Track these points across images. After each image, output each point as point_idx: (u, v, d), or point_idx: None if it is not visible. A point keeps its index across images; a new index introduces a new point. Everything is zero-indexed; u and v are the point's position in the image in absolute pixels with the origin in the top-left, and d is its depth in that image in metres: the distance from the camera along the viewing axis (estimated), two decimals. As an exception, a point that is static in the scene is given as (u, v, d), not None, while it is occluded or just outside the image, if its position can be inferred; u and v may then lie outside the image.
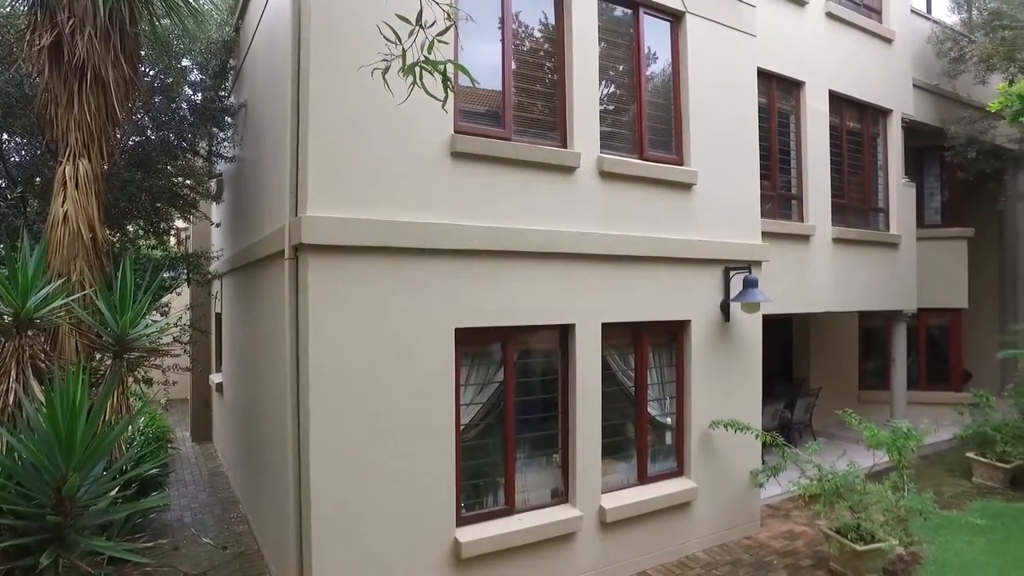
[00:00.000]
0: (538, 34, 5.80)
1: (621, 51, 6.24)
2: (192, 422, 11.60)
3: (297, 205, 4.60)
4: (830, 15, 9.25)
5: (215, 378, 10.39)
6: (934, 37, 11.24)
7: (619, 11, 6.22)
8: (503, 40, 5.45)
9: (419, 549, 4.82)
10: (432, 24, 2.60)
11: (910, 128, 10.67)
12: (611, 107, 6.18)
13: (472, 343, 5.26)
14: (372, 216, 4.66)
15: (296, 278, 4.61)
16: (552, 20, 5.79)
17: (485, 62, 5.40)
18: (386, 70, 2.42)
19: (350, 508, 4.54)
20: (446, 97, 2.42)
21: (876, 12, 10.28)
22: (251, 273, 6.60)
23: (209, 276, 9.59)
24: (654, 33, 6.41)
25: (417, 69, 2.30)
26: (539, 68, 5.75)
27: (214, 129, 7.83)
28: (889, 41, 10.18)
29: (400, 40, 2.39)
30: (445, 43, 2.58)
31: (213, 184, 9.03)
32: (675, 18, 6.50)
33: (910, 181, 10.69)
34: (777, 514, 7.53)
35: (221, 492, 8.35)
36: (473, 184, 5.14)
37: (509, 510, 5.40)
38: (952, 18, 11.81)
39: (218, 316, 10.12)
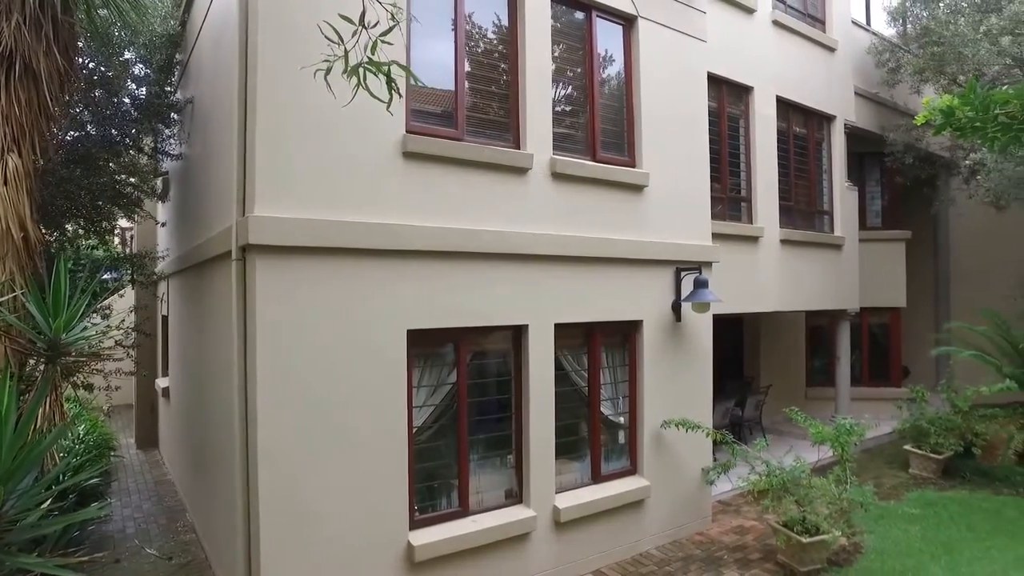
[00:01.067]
0: (492, 35, 5.79)
1: (574, 53, 6.28)
2: (137, 428, 11.20)
3: (244, 205, 4.49)
4: (777, 23, 9.52)
5: (161, 382, 10.05)
6: (873, 48, 11.68)
7: (572, 14, 6.26)
8: (456, 41, 5.43)
9: (372, 553, 4.75)
10: (375, 24, 2.56)
11: (852, 134, 11.07)
12: (564, 109, 6.22)
13: (425, 344, 5.22)
14: (322, 216, 4.57)
15: (244, 279, 4.49)
16: (505, 21, 5.79)
17: (438, 62, 5.37)
18: (328, 71, 2.36)
19: (300, 514, 4.45)
20: (390, 99, 2.37)
21: (820, 22, 10.62)
22: (198, 274, 6.41)
23: (155, 277, 9.27)
24: (607, 36, 6.48)
25: (360, 70, 2.25)
26: (493, 69, 5.75)
27: (159, 125, 7.57)
28: (832, 50, 10.53)
29: (342, 40, 2.33)
30: (389, 44, 2.53)
31: (159, 182, 8.73)
32: (627, 22, 6.58)
33: (853, 185, 11.07)
34: (728, 510, 7.69)
35: (167, 500, 8.08)
36: (425, 184, 5.10)
37: (463, 512, 5.38)
38: (889, 31, 12.29)
39: (164, 319, 9.80)
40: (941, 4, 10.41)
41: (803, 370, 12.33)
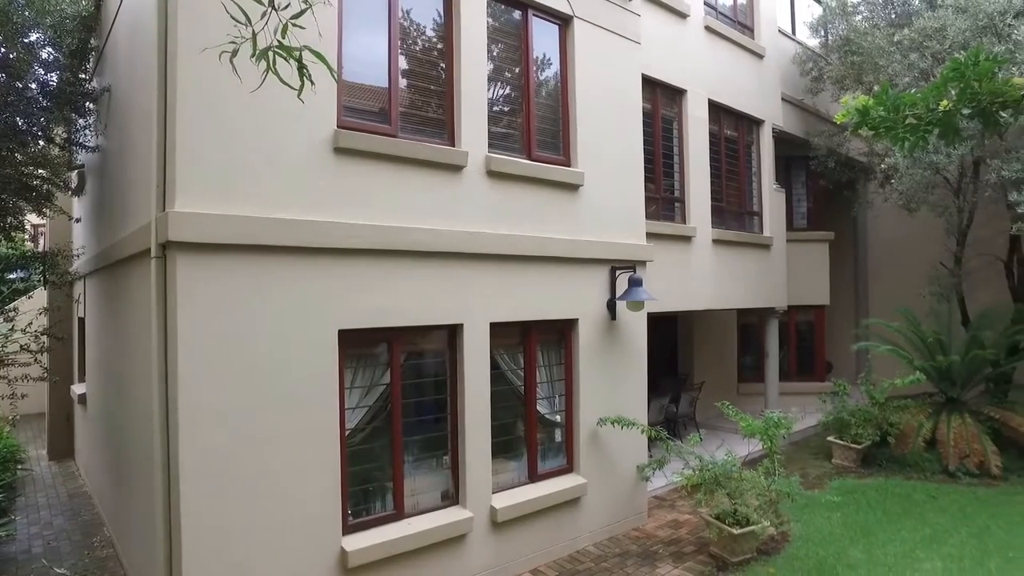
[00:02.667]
0: (427, 31, 5.71)
1: (511, 52, 6.26)
2: (49, 438, 10.52)
3: (165, 200, 4.26)
4: (709, 29, 9.77)
5: (77, 389, 9.48)
6: (798, 57, 12.17)
7: (509, 12, 6.24)
8: (389, 35, 5.32)
9: (303, 561, 4.60)
10: (286, 6, 2.43)
11: (780, 138, 11.49)
12: (501, 107, 6.20)
13: (357, 345, 5.10)
14: (248, 213, 4.39)
15: (164, 278, 4.26)
16: (441, 18, 5.72)
17: (372, 58, 5.26)
18: (234, 53, 2.22)
19: (226, 524, 4.25)
20: (301, 86, 2.25)
21: (749, 29, 10.98)
22: (116, 273, 6.08)
23: (69, 277, 8.76)
24: (543, 36, 6.49)
25: (270, 54, 2.13)
26: (428, 66, 5.67)
27: (73, 115, 7.12)
28: (761, 57, 10.90)
29: (250, 21, 2.20)
30: (301, 27, 2.41)
31: (73, 176, 8.24)
32: (563, 22, 6.61)
33: (780, 187, 11.50)
34: (663, 504, 7.84)
35: (83, 515, 7.62)
36: (358, 181, 4.98)
37: (398, 515, 5.28)
38: (812, 41, 12.83)
39: (81, 321, 9.25)
40: (859, 16, 10.94)
41: (735, 366, 12.73)
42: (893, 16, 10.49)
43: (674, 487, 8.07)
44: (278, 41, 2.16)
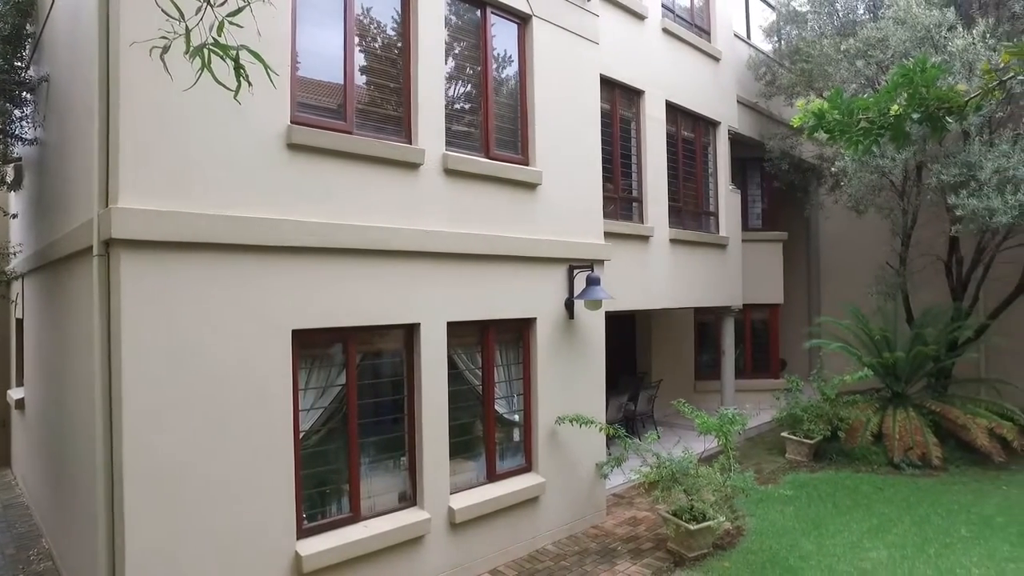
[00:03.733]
0: (384, 27, 5.62)
1: (469, 50, 6.22)
2: (-15, 446, 10.04)
3: (108, 195, 4.09)
4: (666, 31, 9.90)
5: (15, 394, 9.06)
6: (752, 61, 12.43)
7: (467, 9, 6.20)
8: (345, 31, 5.22)
9: (256, 568, 4.47)
10: (223, 3, 2.34)
11: (735, 140, 11.72)
12: (459, 105, 6.15)
13: (312, 345, 4.99)
14: (197, 209, 4.25)
15: (107, 277, 4.09)
16: (398, 14, 5.64)
17: (328, 53, 5.15)
18: (165, 49, 2.12)
19: (173, 531, 4.10)
20: (238, 87, 2.16)
21: (706, 32, 11.16)
22: (56, 272, 5.82)
23: (5, 276, 8.37)
24: (502, 34, 6.47)
25: (205, 52, 2.03)
26: (385, 62, 5.59)
27: (8, 105, 6.78)
28: (717, 60, 11.10)
29: (183, 17, 2.10)
30: (238, 26, 2.32)
31: (10, 170, 7.86)
32: (522, 20, 6.60)
33: (736, 188, 11.73)
34: (622, 502, 7.90)
35: (19, 526, 7.27)
36: (312, 178, 4.87)
37: (354, 517, 5.19)
38: (767, 46, 13.13)
39: (20, 322, 8.84)
40: (809, 24, 11.23)
41: (692, 364, 12.94)
42: (839, 25, 10.80)
43: (632, 484, 8.15)
44: (213, 39, 2.06)
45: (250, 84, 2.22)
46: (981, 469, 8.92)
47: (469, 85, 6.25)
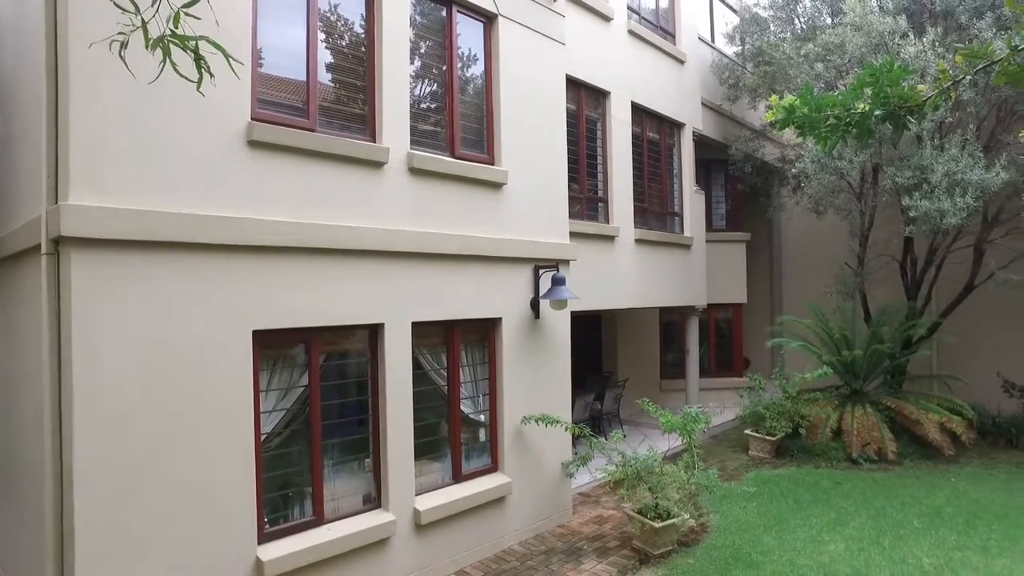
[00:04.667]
0: (348, 24, 5.56)
1: (435, 48, 6.19)
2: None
3: (57, 192, 3.95)
4: (632, 33, 9.99)
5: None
6: (716, 64, 12.63)
7: (433, 8, 6.17)
8: (308, 27, 5.15)
9: (216, 575, 4.37)
10: None
11: (700, 141, 11.89)
12: (424, 104, 6.11)
13: (273, 345, 4.91)
14: (153, 207, 4.14)
15: (57, 276, 3.96)
16: (363, 11, 5.58)
17: (290, 49, 5.08)
18: (124, 44, 2.05)
19: (126, 539, 3.99)
20: (200, 78, 2.11)
21: (671, 35, 11.30)
22: (2, 271, 5.61)
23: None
24: (468, 33, 6.45)
25: (165, 44, 1.98)
26: (349, 59, 5.53)
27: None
28: (682, 62, 11.24)
29: (138, 10, 2.04)
30: (195, 17, 2.27)
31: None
32: (488, 20, 6.59)
33: (700, 189, 11.90)
34: (588, 501, 7.95)
35: (-33, 533, 7.00)
36: (274, 176, 4.79)
37: (318, 521, 5.12)
38: (730, 49, 13.35)
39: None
40: (771, 29, 11.47)
41: (658, 363, 13.08)
42: (800, 30, 11.05)
43: (599, 483, 8.21)
44: (171, 30, 2.01)
45: (212, 75, 2.17)
46: (933, 462, 9.22)
47: (435, 84, 6.22)
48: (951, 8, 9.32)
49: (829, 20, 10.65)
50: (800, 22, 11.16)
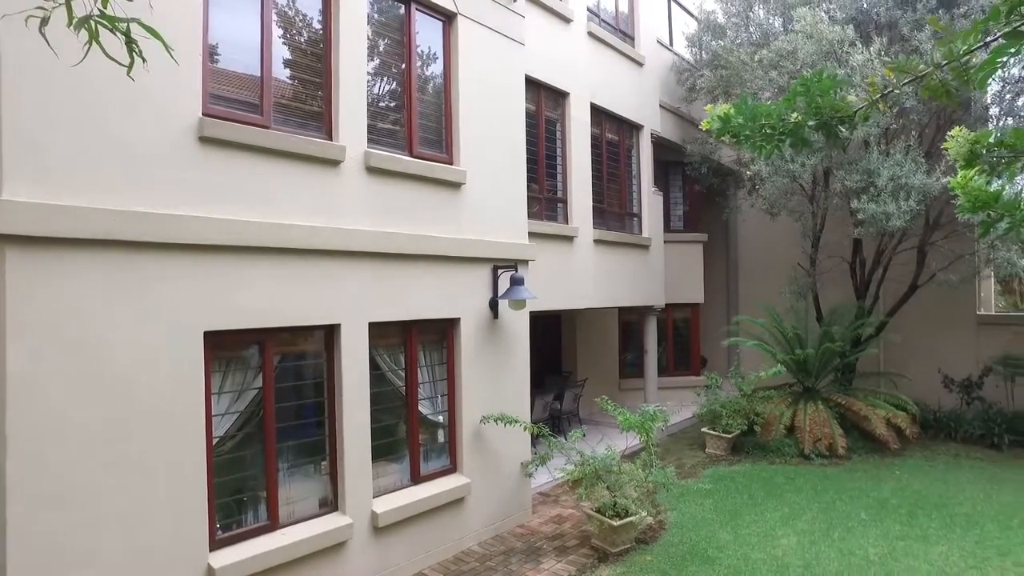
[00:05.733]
0: (305, 20, 5.46)
1: (393, 46, 6.14)
2: None
3: (-9, 186, 3.78)
4: (592, 34, 10.08)
5: None
6: (675, 67, 12.83)
7: (391, 5, 6.11)
8: (262, 22, 5.05)
9: (163, 584, 4.25)
10: None
11: (658, 143, 12.06)
12: (382, 102, 6.05)
13: (226, 347, 4.79)
14: (98, 204, 3.99)
15: (-9, 276, 3.79)
16: (319, 6, 5.49)
17: (244, 44, 4.97)
18: (44, 21, 1.95)
19: (67, 550, 3.83)
20: (131, 63, 2.03)
21: (630, 38, 11.44)
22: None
23: None
24: (427, 31, 6.41)
25: (92, 24, 1.89)
26: (306, 56, 5.43)
27: None
28: (641, 65, 11.39)
29: None
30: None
31: None
32: (447, 18, 6.56)
33: (658, 190, 12.07)
34: (548, 500, 7.98)
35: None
36: (226, 173, 4.68)
37: (272, 525, 5.01)
38: (688, 53, 13.58)
39: None
40: (727, 35, 11.72)
41: (617, 363, 13.20)
42: (755, 37, 11.32)
43: (558, 483, 8.26)
44: (99, 10, 1.92)
45: (144, 60, 2.08)
46: (879, 456, 9.55)
47: (393, 82, 6.17)
48: (895, 20, 9.70)
49: (782, 28, 10.91)
50: (754, 29, 11.42)
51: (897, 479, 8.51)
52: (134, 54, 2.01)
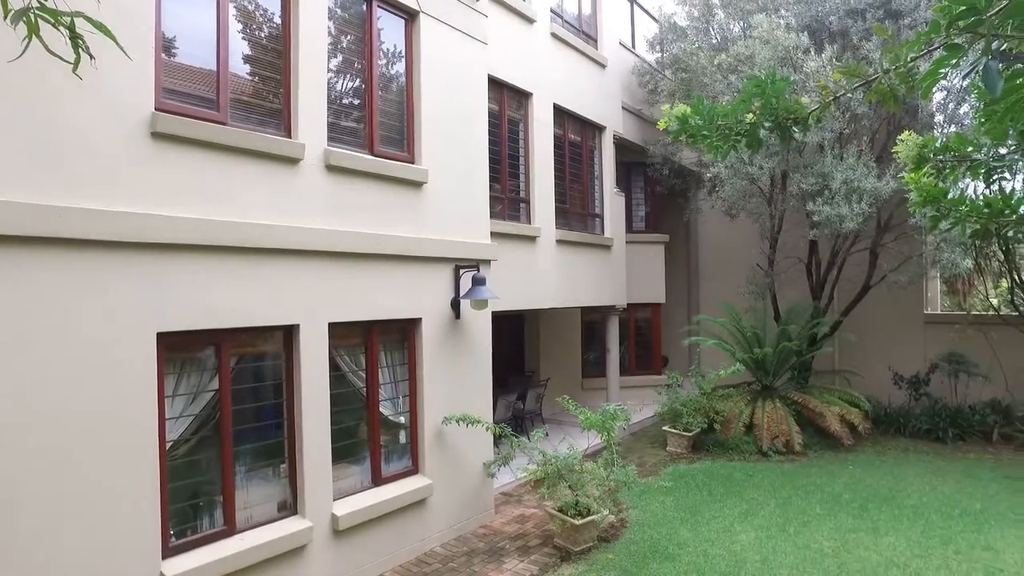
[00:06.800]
0: (263, 15, 5.36)
1: (355, 43, 6.06)
2: None
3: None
4: (555, 35, 10.12)
5: None
6: (636, 69, 12.98)
7: (353, 1, 6.03)
8: (219, 15, 4.94)
9: (113, 594, 4.11)
10: None
11: (620, 144, 12.18)
12: (343, 100, 5.98)
13: (180, 349, 4.68)
14: (45, 200, 3.85)
15: (-71, 275, 3.63)
16: (279, 1, 5.39)
17: (199, 38, 4.86)
18: None
19: (12, 565, 3.69)
20: (77, 59, 1.94)
21: (593, 39, 11.53)
22: None
23: None
24: (389, 29, 6.35)
25: (32, 17, 1.80)
26: (264, 51, 5.33)
27: None
28: (603, 66, 11.49)
29: None
30: None
31: None
32: (410, 16, 6.52)
33: (620, 191, 12.19)
34: (510, 500, 7.99)
35: None
36: (182, 170, 4.56)
37: (229, 530, 4.90)
38: (650, 55, 13.76)
39: None
40: (688, 38, 11.90)
41: (579, 363, 13.30)
42: (715, 41, 11.53)
43: (520, 482, 8.27)
44: (39, 2, 1.83)
45: (91, 56, 2.00)
46: (834, 452, 9.82)
47: (355, 80, 6.09)
48: (846, 29, 10.00)
49: (741, 33, 11.13)
50: (716, 31, 11.62)
51: (850, 474, 8.76)
52: (80, 50, 1.92)
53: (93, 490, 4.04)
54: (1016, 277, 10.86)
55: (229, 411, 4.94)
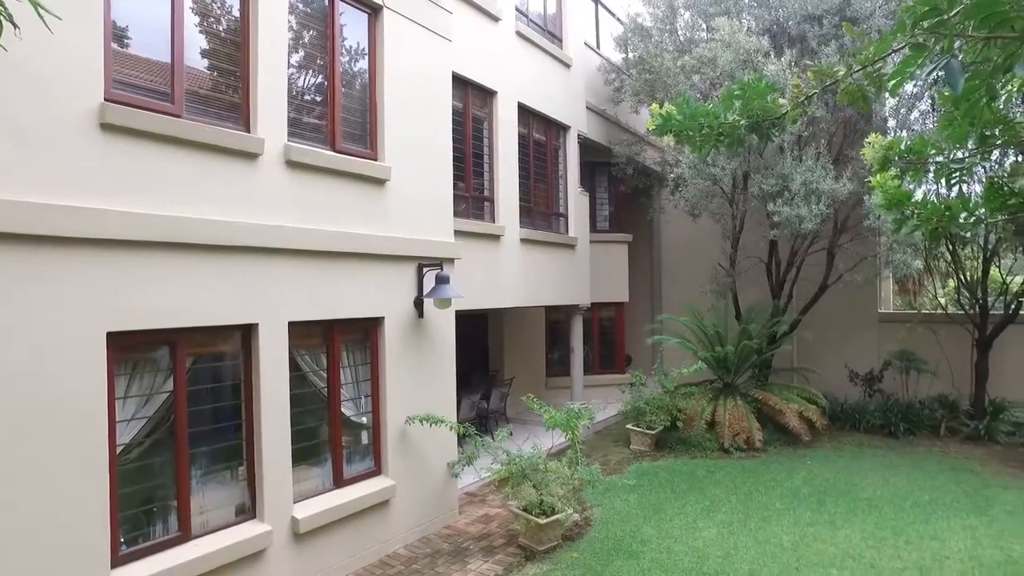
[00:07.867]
0: (221, 5, 5.21)
1: (316, 38, 5.95)
2: None
3: None
4: (520, 34, 10.11)
5: None
6: (602, 68, 13.06)
7: (312, -6, 5.92)
8: (173, 5, 4.78)
9: (56, 608, 3.94)
10: None
11: (584, 144, 12.23)
12: (304, 95, 5.86)
13: (132, 349, 4.51)
14: (-20, 193, 3.67)
15: None
16: (237, -8, 5.26)
17: (153, 27, 4.70)
18: None
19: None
20: None
21: (558, 39, 11.55)
22: None
23: None
24: (351, 24, 6.25)
25: None
26: (222, 43, 5.19)
27: None
28: (568, 66, 11.52)
29: None
30: None
31: None
32: (373, 11, 6.42)
33: (585, 191, 12.24)
34: (475, 500, 7.94)
35: None
36: (133, 164, 4.40)
37: (184, 537, 4.76)
38: (615, 56, 13.87)
39: None
40: (653, 39, 12.02)
41: (543, 361, 13.33)
42: (680, 42, 11.67)
43: (484, 482, 8.24)
44: None
45: (16, 27, 1.88)
46: (793, 448, 10.04)
47: (316, 75, 5.97)
48: (804, 34, 10.22)
49: (705, 35, 11.28)
50: (683, 32, 11.76)
51: (808, 469, 8.96)
52: (2, 18, 1.81)
53: (36, 496, 3.86)
54: (962, 277, 11.27)
55: (184, 413, 4.79)
